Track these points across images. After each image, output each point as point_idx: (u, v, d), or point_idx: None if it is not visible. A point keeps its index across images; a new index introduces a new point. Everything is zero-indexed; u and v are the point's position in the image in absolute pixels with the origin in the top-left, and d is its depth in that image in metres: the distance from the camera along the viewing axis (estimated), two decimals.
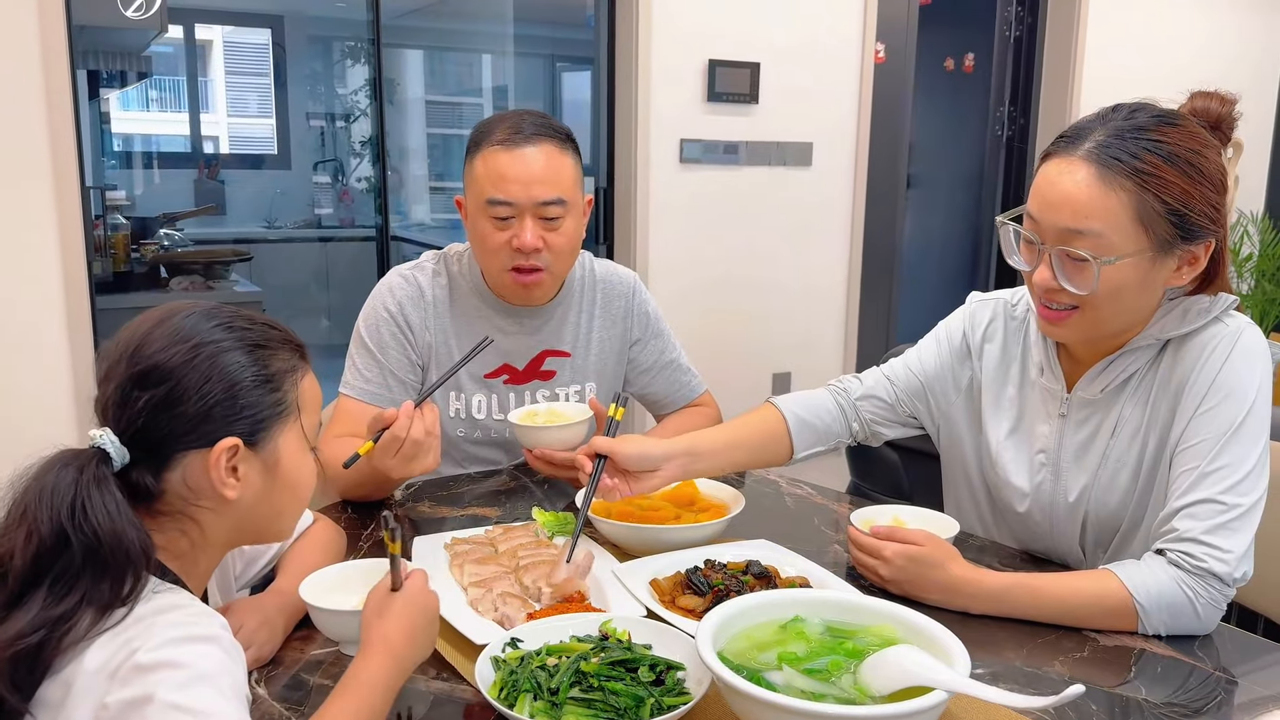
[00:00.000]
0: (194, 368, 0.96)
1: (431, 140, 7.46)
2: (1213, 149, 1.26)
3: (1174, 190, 1.22)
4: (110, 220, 4.03)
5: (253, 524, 1.04)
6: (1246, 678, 1.18)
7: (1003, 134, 5.55)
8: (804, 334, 4.64)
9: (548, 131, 1.68)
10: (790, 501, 1.69)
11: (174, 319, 0.99)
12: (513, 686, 0.99)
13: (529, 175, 1.65)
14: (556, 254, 1.71)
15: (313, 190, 6.83)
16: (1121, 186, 1.22)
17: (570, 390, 1.85)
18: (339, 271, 6.34)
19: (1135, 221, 1.22)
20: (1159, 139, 1.23)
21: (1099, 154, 1.23)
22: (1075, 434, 1.41)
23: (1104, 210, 1.22)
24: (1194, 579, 1.21)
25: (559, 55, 6.85)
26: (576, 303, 1.87)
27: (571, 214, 1.71)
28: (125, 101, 6.72)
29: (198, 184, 6.47)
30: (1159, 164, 1.22)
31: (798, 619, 1.09)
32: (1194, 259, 1.28)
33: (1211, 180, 1.24)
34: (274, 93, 6.87)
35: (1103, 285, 1.25)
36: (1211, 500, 1.23)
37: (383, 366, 1.74)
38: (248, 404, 0.98)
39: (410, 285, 1.78)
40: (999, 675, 1.12)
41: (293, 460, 1.03)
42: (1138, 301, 1.30)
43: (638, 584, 1.28)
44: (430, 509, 1.64)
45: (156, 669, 0.84)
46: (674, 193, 4.19)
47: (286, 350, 1.04)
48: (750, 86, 4.26)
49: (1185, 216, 1.23)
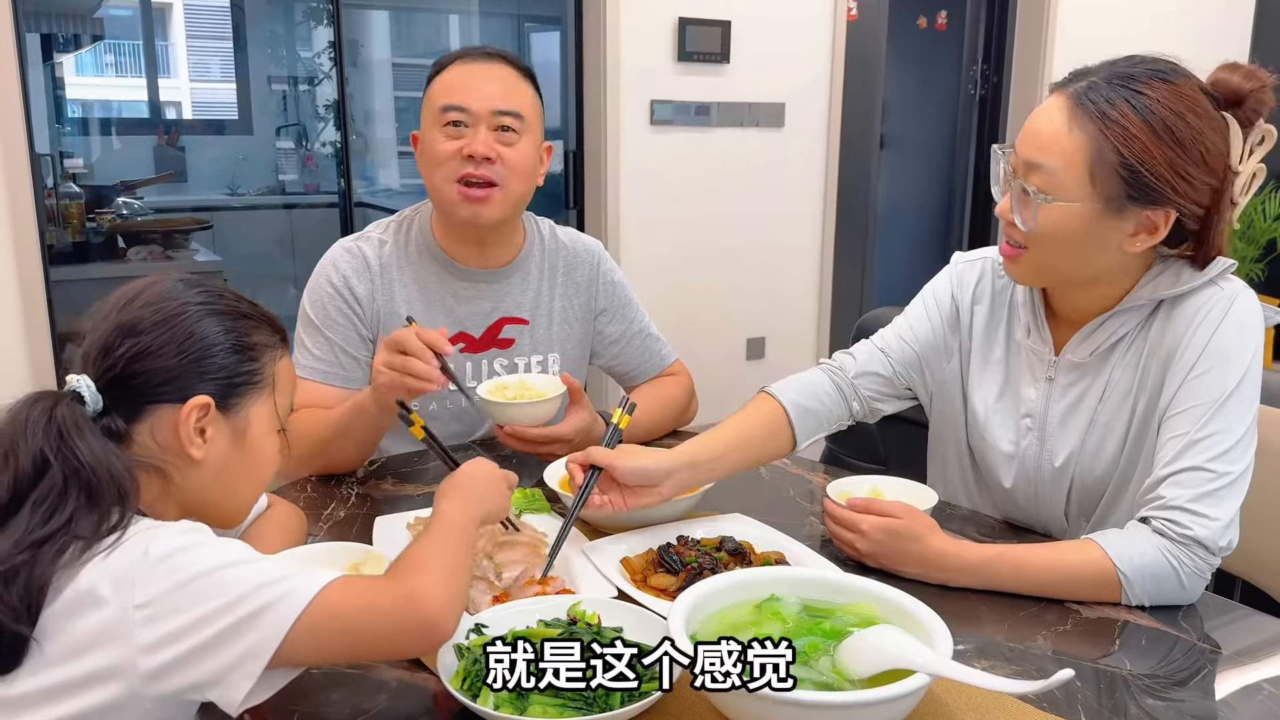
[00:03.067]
0: (177, 324, 0.99)
1: (399, 103, 7.31)
2: (1209, 121, 1.20)
3: (1134, 145, 1.18)
4: (64, 189, 3.91)
5: (211, 494, 1.03)
6: (1229, 645, 1.16)
7: (975, 93, 5.51)
8: (778, 297, 4.60)
9: (508, 57, 1.69)
10: (765, 473, 1.65)
11: (166, 283, 1.04)
12: (476, 675, 0.94)
13: (484, 85, 1.63)
14: (510, 169, 1.64)
15: (276, 156, 6.68)
16: (1083, 129, 1.20)
17: (531, 360, 1.79)
18: (304, 239, 6.22)
19: (1086, 168, 1.20)
20: (1140, 91, 1.20)
21: (1080, 94, 1.22)
22: (1062, 398, 1.38)
23: (1062, 150, 1.21)
24: (1179, 547, 1.18)
25: (526, 15, 6.72)
26: (537, 267, 1.80)
27: (528, 134, 1.66)
28: (80, 66, 6.54)
29: (157, 151, 6.31)
30: (1128, 115, 1.19)
31: (774, 598, 1.05)
32: (1152, 227, 1.23)
33: (1185, 146, 1.19)
34: (234, 56, 6.71)
35: (1042, 226, 1.24)
36: (1199, 468, 1.20)
37: (332, 343, 1.68)
38: (223, 365, 1.00)
39: (355, 257, 1.71)
40: (980, 650, 1.09)
41: (261, 433, 1.05)
42: (1086, 253, 1.26)
43: (608, 563, 1.24)
44: (393, 486, 1.59)
45: (176, 553, 0.87)
46: (645, 155, 4.12)
47: (268, 329, 1.07)
48: (721, 45, 4.18)
49: (1139, 175, 1.19)
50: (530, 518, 1.38)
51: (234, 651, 0.85)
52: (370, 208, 5.90)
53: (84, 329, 1.01)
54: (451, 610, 0.93)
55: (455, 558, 0.99)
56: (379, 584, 0.94)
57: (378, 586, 0.94)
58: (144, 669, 0.84)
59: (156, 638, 0.84)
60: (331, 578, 0.90)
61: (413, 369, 1.39)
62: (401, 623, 0.91)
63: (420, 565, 0.95)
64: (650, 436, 1.75)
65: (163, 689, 0.85)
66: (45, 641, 0.85)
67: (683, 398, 1.86)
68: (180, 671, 0.85)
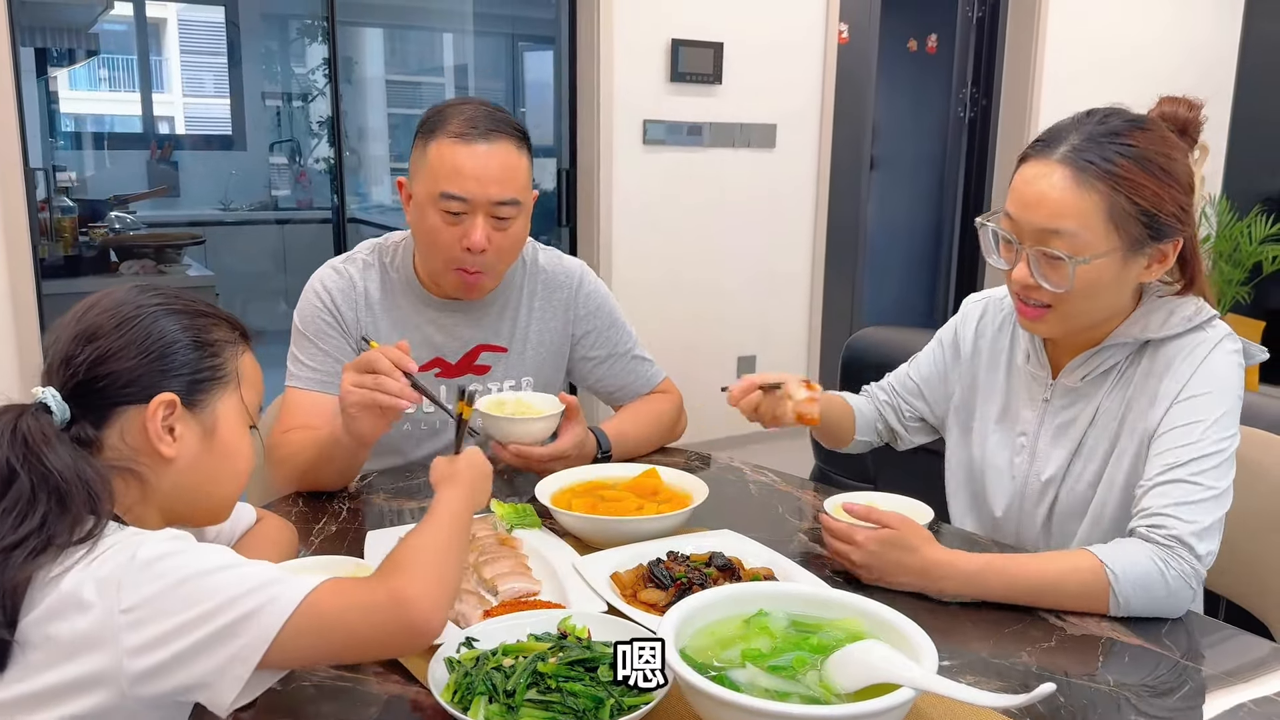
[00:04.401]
0: (135, 325, 1.00)
1: (392, 120, 7.34)
2: (1180, 151, 1.31)
3: (1145, 192, 1.26)
4: (57, 203, 3.92)
5: (190, 493, 1.04)
6: (1213, 664, 1.17)
7: (965, 115, 5.56)
8: (769, 316, 4.62)
9: (505, 129, 1.63)
10: (755, 489, 1.67)
11: (120, 290, 1.05)
12: (467, 689, 0.95)
13: (485, 174, 1.59)
14: (500, 255, 1.66)
15: (269, 171, 6.70)
16: (1095, 189, 1.26)
17: (505, 384, 1.80)
18: (296, 254, 6.22)
19: (1108, 221, 1.27)
20: (1131, 143, 1.28)
21: (1074, 157, 1.28)
22: (1055, 418, 1.45)
23: (1079, 211, 1.27)
24: (1164, 550, 1.23)
25: (520, 34, 6.76)
26: (515, 297, 1.81)
27: (522, 215, 1.67)
28: (74, 80, 6.55)
29: (150, 165, 6.32)
30: (1131, 167, 1.26)
31: (762, 613, 1.06)
32: (1163, 256, 1.33)
33: (1180, 182, 1.29)
34: (229, 72, 6.73)
35: (1078, 283, 1.30)
36: (1182, 480, 1.26)
37: (325, 353, 1.70)
38: (185, 362, 1.02)
39: (342, 278, 1.74)
40: (966, 666, 1.10)
41: (231, 429, 1.06)
42: (1111, 298, 1.35)
43: (598, 578, 1.24)
44: (385, 501, 1.59)
45: (164, 558, 0.88)
46: (637, 174, 4.15)
47: (227, 326, 1.08)
48: (713, 67, 4.21)
49: (1155, 217, 1.28)
50: (521, 533, 1.39)
51: (223, 654, 0.86)
52: (363, 223, 5.91)
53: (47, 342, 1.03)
54: (438, 610, 0.94)
55: (448, 552, 1.00)
56: (366, 586, 0.95)
57: (364, 589, 0.94)
58: (131, 672, 0.85)
59: (144, 640, 0.85)
60: (319, 580, 0.91)
61: (384, 387, 1.39)
62: (387, 625, 0.92)
63: (409, 563, 0.96)
64: (638, 452, 1.77)
65: (151, 691, 0.86)
66: (28, 647, 0.86)
67: (670, 413, 1.88)
68: (169, 674, 0.85)
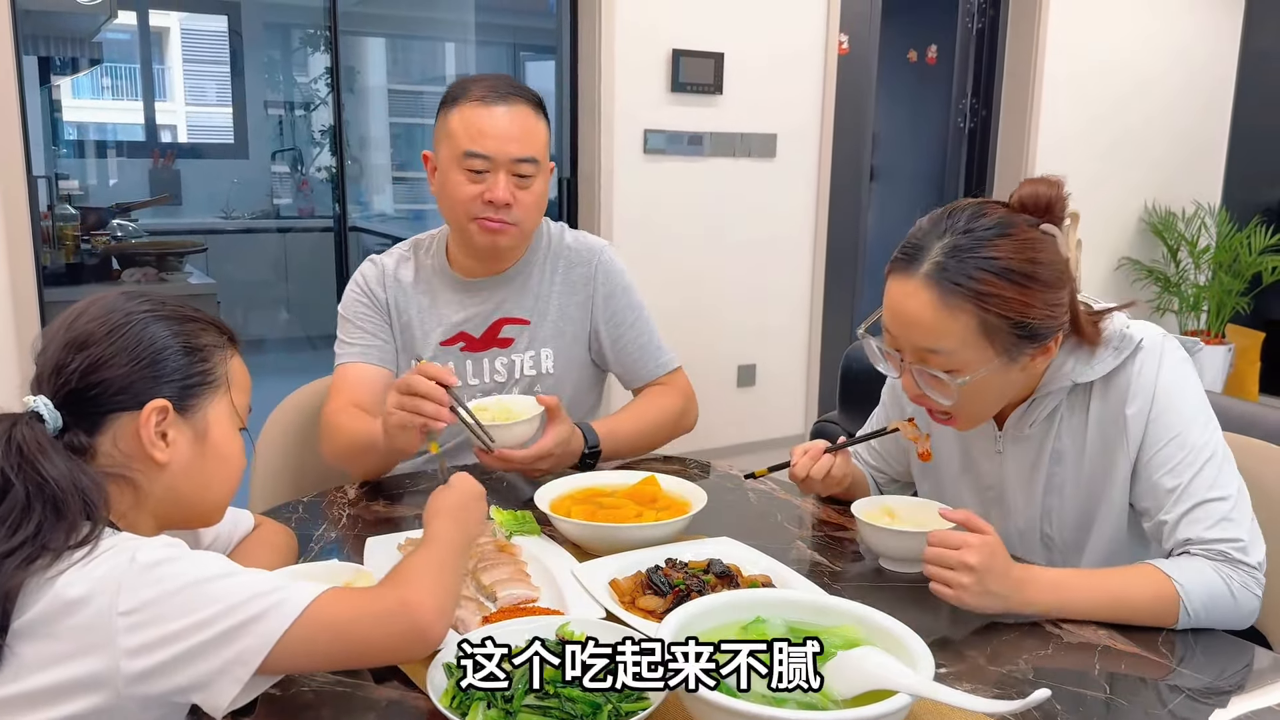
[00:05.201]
0: (126, 332, 1.01)
1: (394, 129, 7.37)
2: (1044, 248, 1.27)
3: (1013, 305, 1.25)
4: (59, 210, 3.93)
5: (183, 497, 1.05)
6: (1211, 673, 1.17)
7: (965, 126, 5.57)
8: (769, 325, 4.63)
9: (523, 93, 1.76)
10: (753, 497, 1.67)
11: (108, 298, 1.05)
12: (466, 694, 0.96)
13: (506, 132, 1.71)
14: (524, 210, 1.75)
15: (271, 180, 6.72)
16: (962, 309, 1.25)
17: (525, 356, 1.85)
18: (298, 263, 6.25)
19: (981, 338, 1.26)
20: (992, 255, 1.24)
21: (938, 276, 1.25)
22: (1013, 465, 1.44)
23: (950, 332, 1.26)
24: (1221, 564, 1.25)
25: (521, 44, 6.79)
26: (538, 271, 1.87)
27: (541, 174, 1.77)
28: (78, 89, 6.58)
29: (153, 173, 6.34)
30: (995, 281, 1.24)
31: (759, 620, 1.07)
32: (1046, 349, 1.31)
33: (1049, 283, 1.26)
34: (231, 81, 6.75)
35: (963, 394, 1.30)
36: (1201, 502, 1.27)
37: (364, 330, 1.84)
38: (176, 368, 1.03)
39: (376, 267, 1.88)
40: (962, 673, 1.11)
41: (223, 432, 1.07)
42: (1004, 392, 1.35)
43: (597, 584, 1.25)
44: (384, 508, 1.60)
45: (164, 563, 0.89)
46: (638, 184, 4.16)
47: (215, 331, 1.09)
48: (714, 77, 4.23)
49: (1026, 325, 1.26)
50: (520, 540, 1.39)
51: (222, 657, 0.87)
52: (364, 232, 5.93)
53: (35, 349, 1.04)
54: (443, 618, 0.97)
55: (446, 574, 1.03)
56: (371, 593, 0.97)
57: (370, 595, 0.97)
58: (128, 672, 0.85)
59: (142, 642, 0.86)
60: (324, 588, 0.92)
61: (421, 409, 1.46)
62: (394, 628, 0.94)
63: (412, 577, 0.99)
64: (636, 448, 1.80)
65: (147, 691, 0.86)
66: (22, 648, 0.87)
67: (673, 408, 1.89)
68: (166, 675, 0.86)
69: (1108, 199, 5.55)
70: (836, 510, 1.60)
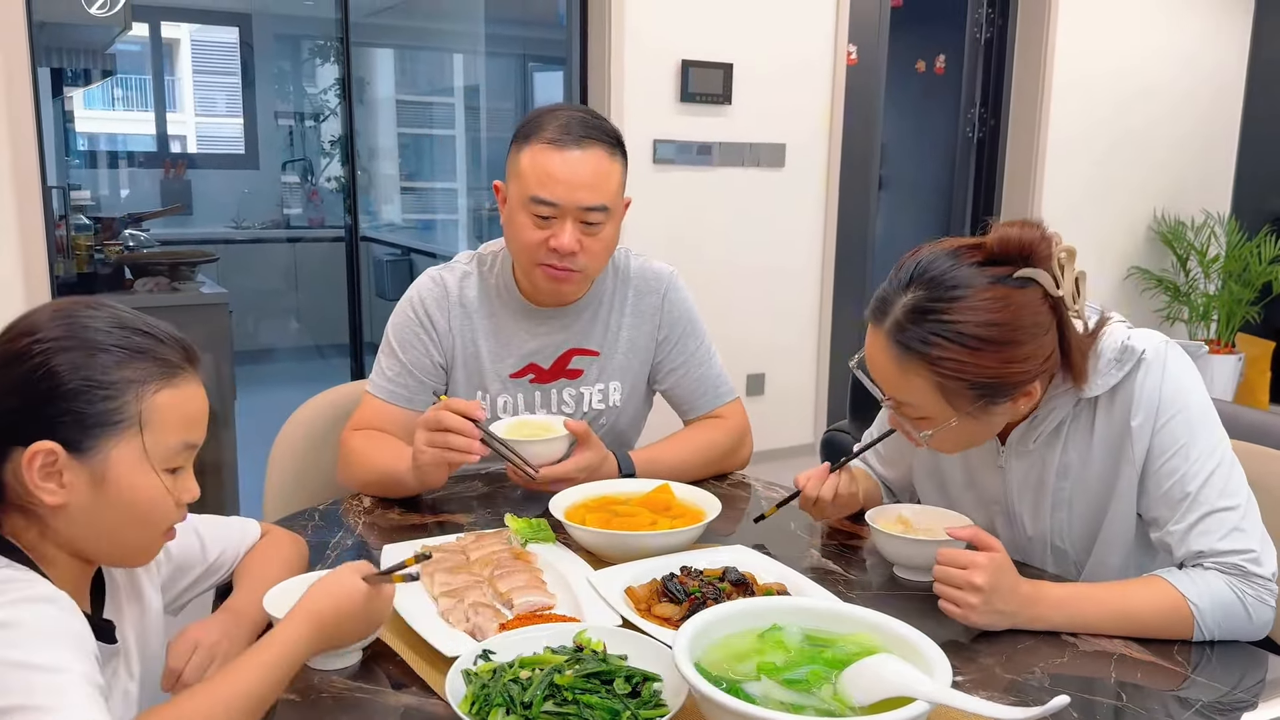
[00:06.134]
0: (23, 364, 0.94)
1: (402, 140, 7.40)
2: (1013, 305, 1.23)
3: (968, 369, 1.23)
4: (74, 220, 3.95)
5: (92, 538, 0.99)
6: (1226, 681, 1.17)
7: (974, 135, 5.58)
8: (778, 335, 4.63)
9: (598, 135, 1.66)
10: (767, 505, 1.67)
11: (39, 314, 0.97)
12: (485, 700, 0.96)
13: (576, 179, 1.63)
14: (591, 257, 1.69)
15: (281, 190, 6.75)
16: (917, 372, 1.25)
17: (594, 389, 1.82)
18: (308, 272, 6.27)
19: (941, 399, 1.27)
20: (945, 320, 1.22)
21: (896, 335, 1.26)
22: (1017, 479, 1.43)
23: (909, 388, 1.27)
24: (1235, 578, 1.24)
25: (530, 54, 6.82)
26: (607, 301, 1.83)
27: (612, 220, 1.69)
28: (90, 100, 6.62)
29: (164, 184, 6.38)
30: (949, 347, 1.22)
31: (776, 628, 1.07)
32: (1028, 395, 1.30)
33: (1008, 343, 1.23)
34: (242, 91, 6.80)
35: (938, 440, 1.32)
36: (1209, 513, 1.26)
37: (404, 365, 1.76)
38: (72, 409, 0.94)
39: (437, 285, 1.79)
40: (977, 683, 1.11)
41: (126, 477, 0.97)
42: (982, 433, 1.35)
43: (613, 592, 1.25)
44: (400, 516, 1.61)
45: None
46: (647, 193, 4.17)
47: (145, 361, 0.98)
48: (723, 87, 4.24)
49: (987, 385, 1.25)
50: (535, 547, 1.40)
51: None
52: (374, 242, 5.95)
53: None
54: None
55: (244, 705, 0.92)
56: None
57: None
58: None
59: None
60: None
61: (452, 444, 1.47)
62: None
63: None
64: (684, 477, 1.70)
65: None
66: None
67: (724, 442, 1.84)
68: None
69: (1116, 208, 5.55)
70: (850, 519, 1.60)
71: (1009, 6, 5.29)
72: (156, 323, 1.02)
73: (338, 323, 4.46)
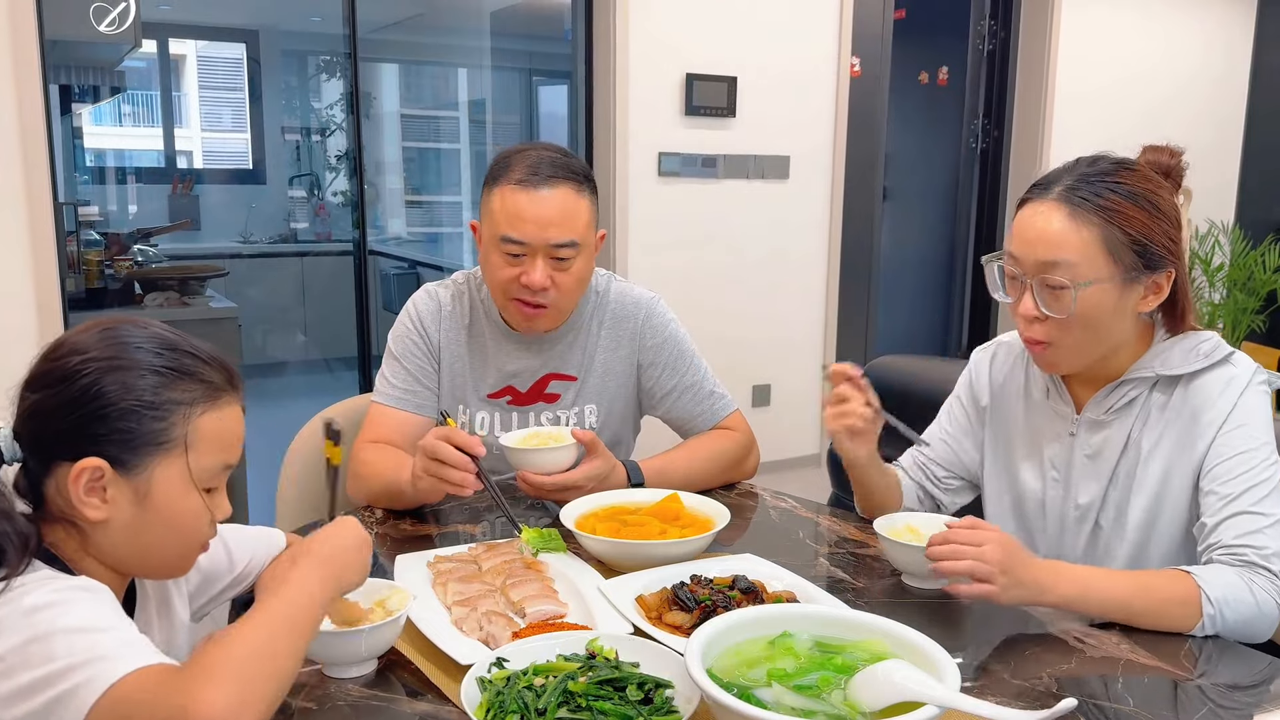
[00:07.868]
0: (74, 382, 0.96)
1: (407, 154, 7.45)
2: (1166, 190, 1.39)
3: (1135, 224, 1.35)
4: (83, 236, 3.99)
5: (131, 552, 1.01)
6: (1233, 685, 1.18)
7: (977, 146, 5.60)
8: (783, 345, 4.65)
9: (565, 173, 1.70)
10: (775, 515, 1.69)
11: (87, 334, 1.00)
12: (499, 708, 0.97)
13: (544, 217, 1.67)
14: (563, 292, 1.73)
15: (288, 205, 6.80)
16: (1090, 222, 1.35)
17: (571, 413, 1.84)
18: (316, 287, 6.31)
19: (1104, 251, 1.35)
20: (1119, 180, 1.37)
21: (1068, 195, 1.37)
22: (1083, 450, 1.49)
23: (1076, 243, 1.35)
24: (1247, 569, 1.28)
25: (536, 69, 6.86)
26: (585, 326, 1.85)
27: (583, 254, 1.73)
28: (98, 116, 6.68)
29: (172, 199, 6.42)
30: (1121, 202, 1.35)
31: (786, 634, 1.08)
32: (1158, 287, 1.39)
33: (1167, 216, 1.37)
34: (249, 107, 6.85)
35: (1079, 308, 1.36)
36: (1245, 512, 1.32)
37: (409, 373, 1.81)
38: (121, 428, 0.96)
39: (432, 300, 1.86)
40: (985, 689, 1.12)
41: (168, 496, 0.99)
42: (1112, 327, 1.40)
43: (624, 601, 1.27)
44: (412, 526, 1.62)
45: (45, 608, 0.86)
46: (652, 206, 4.20)
47: (192, 383, 1.00)
48: (728, 100, 4.27)
49: (1147, 247, 1.36)
50: (547, 557, 1.41)
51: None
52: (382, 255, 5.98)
53: None
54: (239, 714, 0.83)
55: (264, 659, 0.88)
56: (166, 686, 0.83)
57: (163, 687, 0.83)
58: None
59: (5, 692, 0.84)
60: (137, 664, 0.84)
61: (447, 477, 1.50)
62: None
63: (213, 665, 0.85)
64: (693, 487, 1.71)
65: None
66: None
67: (732, 451, 1.86)
68: None
69: None
70: (858, 527, 1.62)
71: (1012, 18, 5.31)
72: (201, 344, 1.04)
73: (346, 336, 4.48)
